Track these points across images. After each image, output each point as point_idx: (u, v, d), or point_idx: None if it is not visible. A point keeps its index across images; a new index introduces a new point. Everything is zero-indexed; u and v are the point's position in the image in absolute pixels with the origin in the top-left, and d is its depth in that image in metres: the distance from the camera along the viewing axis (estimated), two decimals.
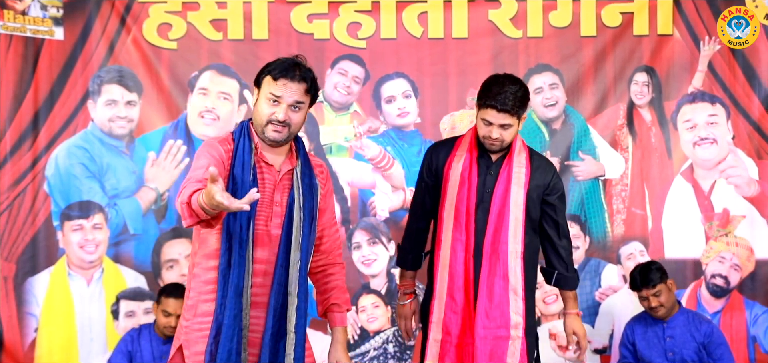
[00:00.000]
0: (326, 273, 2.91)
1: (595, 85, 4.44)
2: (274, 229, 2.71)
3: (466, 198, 3.15)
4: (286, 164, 2.74)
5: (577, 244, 4.37)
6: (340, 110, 4.46)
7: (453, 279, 3.14)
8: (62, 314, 4.35)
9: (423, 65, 4.42)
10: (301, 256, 2.72)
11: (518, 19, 4.42)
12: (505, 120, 3.06)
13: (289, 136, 2.70)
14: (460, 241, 3.15)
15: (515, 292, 3.11)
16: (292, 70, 2.66)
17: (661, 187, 4.45)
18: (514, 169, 3.15)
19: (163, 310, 3.94)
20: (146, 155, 4.40)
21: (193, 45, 4.38)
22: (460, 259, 3.15)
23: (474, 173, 3.18)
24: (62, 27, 4.37)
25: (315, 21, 4.42)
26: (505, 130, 3.10)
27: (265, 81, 2.67)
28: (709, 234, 4.45)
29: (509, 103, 3.02)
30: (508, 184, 3.15)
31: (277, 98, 2.65)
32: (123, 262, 4.38)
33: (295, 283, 2.70)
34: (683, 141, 4.46)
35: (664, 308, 3.96)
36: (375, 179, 4.44)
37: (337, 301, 2.90)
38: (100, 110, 4.38)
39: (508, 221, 3.12)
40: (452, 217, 3.16)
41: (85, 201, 4.36)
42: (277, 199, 2.71)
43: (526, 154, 3.21)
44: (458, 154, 3.23)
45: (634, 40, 4.42)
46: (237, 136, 2.69)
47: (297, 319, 2.70)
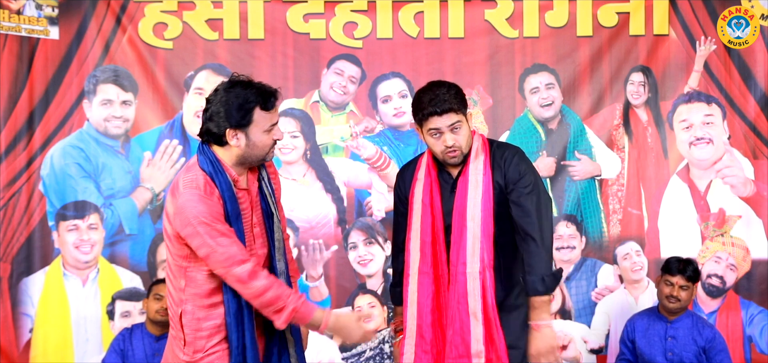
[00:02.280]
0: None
1: (591, 85, 4.43)
2: (260, 248, 2.72)
3: (430, 226, 2.96)
4: (253, 181, 2.73)
5: (574, 244, 4.40)
6: (336, 110, 4.45)
7: (422, 316, 2.95)
8: (57, 315, 4.33)
9: (419, 65, 4.40)
10: (285, 264, 2.77)
11: (514, 19, 4.41)
12: (451, 119, 2.86)
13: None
14: (427, 274, 2.96)
15: (475, 316, 2.87)
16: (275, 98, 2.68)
17: (658, 187, 4.45)
18: (470, 179, 2.93)
19: (156, 295, 3.88)
20: (142, 155, 4.38)
21: (189, 45, 4.36)
22: (428, 293, 2.96)
23: (436, 196, 2.99)
24: (57, 26, 4.35)
25: (311, 21, 4.41)
26: (457, 134, 2.89)
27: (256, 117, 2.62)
28: (705, 234, 4.45)
29: (448, 101, 2.85)
30: (465, 198, 2.93)
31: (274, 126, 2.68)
32: (118, 263, 4.36)
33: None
34: (679, 141, 4.45)
35: (680, 304, 3.94)
36: (371, 179, 4.44)
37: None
38: (95, 110, 4.36)
39: (465, 240, 2.90)
40: (418, 248, 2.98)
41: (81, 201, 4.34)
42: (255, 220, 2.72)
43: (485, 157, 2.96)
44: (419, 178, 3.04)
45: (630, 40, 4.41)
46: (212, 176, 2.61)
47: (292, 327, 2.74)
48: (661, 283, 4.00)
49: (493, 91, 4.43)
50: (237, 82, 2.63)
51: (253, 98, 2.61)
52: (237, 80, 2.64)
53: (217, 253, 2.53)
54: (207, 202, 2.55)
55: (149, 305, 3.96)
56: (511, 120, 4.43)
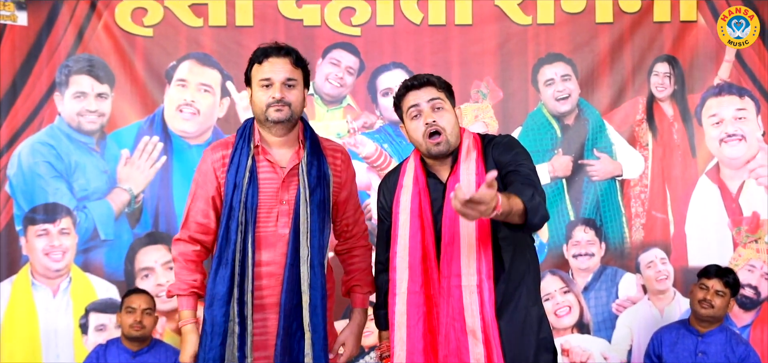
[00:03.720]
0: (351, 254, 3.08)
1: (611, 76, 4.33)
2: (282, 228, 2.82)
3: (420, 240, 2.77)
4: (292, 159, 2.85)
5: (592, 250, 4.33)
6: (332, 104, 4.34)
7: (412, 341, 2.76)
8: (25, 328, 4.22)
9: (423, 55, 4.31)
10: (312, 252, 2.81)
11: (527, 5, 4.31)
12: (430, 93, 2.75)
13: (292, 116, 2.82)
14: (417, 293, 2.77)
15: (473, 334, 2.67)
16: (274, 48, 2.84)
17: (684, 189, 4.35)
18: (461, 180, 2.73)
19: (127, 307, 3.87)
20: (119, 153, 4.27)
21: (171, 32, 4.27)
22: (419, 316, 2.76)
23: (426, 204, 2.79)
24: (26, 11, 4.25)
25: (304, 6, 4.31)
26: (439, 115, 2.74)
27: (252, 73, 2.85)
28: (737, 240, 4.34)
29: (426, 77, 2.79)
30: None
31: (268, 80, 2.80)
32: (93, 271, 4.25)
33: (307, 281, 2.79)
34: (708, 138, 4.35)
35: (712, 312, 3.87)
36: (370, 180, 4.30)
37: (359, 282, 3.06)
38: (67, 103, 4.25)
39: (459, 250, 2.71)
40: (406, 265, 2.78)
41: (51, 203, 4.23)
42: (284, 196, 2.83)
43: (476, 154, 2.78)
44: (405, 186, 2.85)
45: (654, 27, 4.31)
46: (238, 137, 2.87)
47: (312, 316, 2.79)
48: (695, 289, 3.95)
49: (503, 83, 4.33)
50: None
51: (255, 54, 2.85)
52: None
53: (186, 207, 2.93)
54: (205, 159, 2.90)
55: (123, 319, 3.90)
56: (523, 115, 4.32)
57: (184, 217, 2.91)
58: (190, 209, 2.91)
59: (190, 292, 2.88)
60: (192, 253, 2.90)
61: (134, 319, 3.81)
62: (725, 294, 3.86)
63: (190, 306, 2.89)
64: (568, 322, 4.27)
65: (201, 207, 2.88)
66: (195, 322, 2.87)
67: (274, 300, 2.82)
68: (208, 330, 2.81)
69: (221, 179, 2.85)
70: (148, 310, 3.86)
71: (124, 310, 3.87)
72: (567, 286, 4.26)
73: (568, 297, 4.26)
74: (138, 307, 3.83)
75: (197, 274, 2.90)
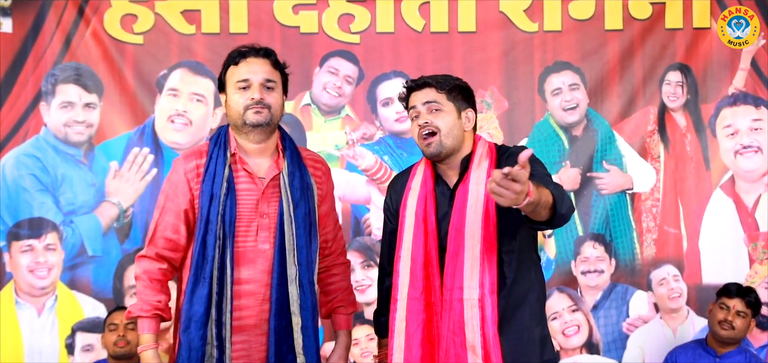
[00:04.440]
0: (330, 273, 2.92)
1: (621, 85, 4.30)
2: (263, 243, 2.70)
3: (423, 245, 2.74)
4: (271, 169, 2.73)
5: (602, 267, 4.32)
6: (330, 114, 4.31)
7: (410, 349, 2.73)
8: (9, 348, 4.18)
9: (424, 63, 4.25)
10: (299, 270, 2.70)
11: (534, 11, 4.29)
12: (427, 95, 2.73)
13: (272, 119, 2.70)
14: (417, 300, 2.73)
15: (473, 350, 2.63)
16: (251, 49, 2.73)
17: (698, 203, 4.31)
18: (470, 190, 2.70)
19: (110, 325, 3.81)
20: (107, 165, 4.25)
21: (162, 39, 4.26)
22: (418, 323, 2.72)
23: (431, 209, 2.76)
24: (10, 18, 4.24)
25: (301, 12, 4.28)
26: (435, 116, 2.71)
27: (228, 76, 2.73)
28: (754, 256, 4.30)
29: (429, 78, 2.77)
30: (462, 212, 2.71)
31: (246, 81, 2.68)
32: (80, 289, 4.22)
33: (297, 302, 2.68)
34: (723, 149, 4.31)
35: (733, 334, 3.82)
36: (370, 193, 4.28)
37: (343, 303, 2.92)
38: (54, 113, 4.23)
39: (463, 262, 2.68)
40: (408, 270, 2.76)
41: (36, 218, 4.21)
42: (264, 209, 2.70)
43: (489, 164, 2.75)
44: (413, 189, 2.83)
45: (666, 34, 4.29)
46: (212, 146, 2.74)
47: (304, 339, 2.69)
48: (715, 308, 3.90)
49: (509, 92, 4.32)
50: None
51: (231, 56, 2.73)
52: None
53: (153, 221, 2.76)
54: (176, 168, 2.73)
55: (106, 339, 3.83)
56: (529, 125, 4.29)
57: (151, 233, 2.73)
58: (158, 224, 2.72)
59: (153, 314, 2.67)
60: (158, 272, 2.69)
61: (118, 335, 3.74)
62: (746, 315, 3.82)
63: (152, 329, 2.68)
64: (576, 342, 4.22)
65: (171, 221, 2.69)
66: (156, 348, 2.69)
67: (255, 321, 2.68)
68: (185, 355, 2.64)
69: (195, 191, 2.67)
70: (130, 325, 3.76)
71: (107, 329, 3.79)
72: (575, 304, 4.21)
73: (577, 316, 4.21)
74: (120, 323, 3.74)
75: (162, 295, 2.70)
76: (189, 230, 2.70)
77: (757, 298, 3.83)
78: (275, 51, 2.77)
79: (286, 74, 2.79)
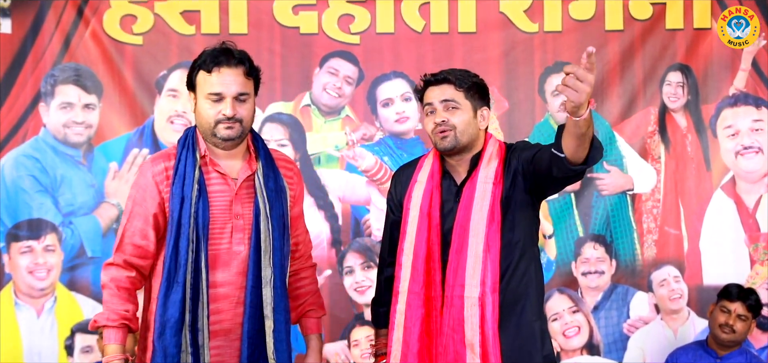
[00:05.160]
0: (299, 277, 2.88)
1: (621, 86, 4.29)
2: (237, 245, 2.65)
3: (425, 239, 2.75)
4: (244, 170, 2.67)
5: (602, 268, 4.31)
6: (330, 115, 4.30)
7: (408, 343, 2.74)
8: (8, 349, 4.17)
9: (424, 63, 4.15)
10: (274, 272, 2.66)
11: (534, 11, 4.27)
12: (445, 93, 2.73)
13: (243, 133, 2.64)
14: (417, 294, 2.74)
15: (471, 348, 2.66)
16: (224, 55, 2.61)
17: (699, 203, 4.30)
18: (477, 188, 2.72)
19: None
20: (107, 166, 4.24)
21: (162, 40, 4.24)
22: (417, 317, 2.73)
23: (436, 204, 2.77)
24: (9, 19, 4.23)
25: (301, 13, 4.27)
26: (451, 114, 2.72)
27: (198, 80, 2.62)
28: (755, 257, 4.29)
29: (448, 74, 2.75)
30: (468, 209, 2.72)
31: (218, 95, 2.58)
32: (79, 290, 4.22)
33: (270, 304, 2.64)
34: (724, 150, 4.30)
35: (734, 337, 3.82)
36: (370, 194, 4.28)
37: (313, 307, 2.89)
38: (53, 114, 4.22)
39: (466, 259, 2.70)
40: (409, 264, 2.77)
41: (36, 219, 4.20)
42: (238, 211, 2.65)
43: (498, 163, 2.76)
44: (419, 180, 2.84)
45: (666, 34, 4.28)
46: (180, 147, 2.66)
47: (276, 343, 2.65)
48: (715, 310, 3.89)
49: (509, 93, 4.30)
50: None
51: (202, 58, 2.62)
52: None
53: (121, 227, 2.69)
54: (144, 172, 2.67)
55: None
56: (530, 126, 4.27)
57: (118, 240, 2.64)
58: (125, 230, 2.63)
59: (121, 323, 2.58)
60: (126, 280, 2.61)
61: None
62: (747, 318, 3.81)
63: (119, 340, 2.58)
64: (577, 343, 4.21)
65: (139, 226, 2.61)
66: (122, 359, 2.60)
67: (229, 325, 2.63)
68: (160, 361, 2.57)
69: (165, 194, 2.60)
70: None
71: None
72: (576, 305, 4.21)
73: (577, 317, 4.20)
74: None
75: (130, 304, 2.61)
76: (158, 235, 2.63)
77: (758, 300, 3.82)
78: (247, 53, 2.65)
79: (259, 78, 2.69)
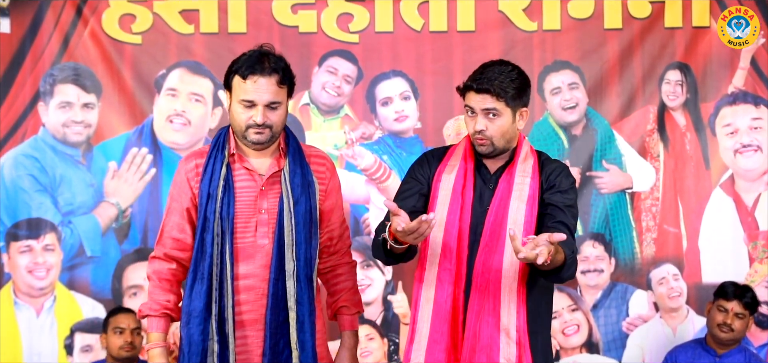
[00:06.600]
0: (335, 273, 2.93)
1: (620, 84, 4.29)
2: (261, 238, 2.72)
3: (458, 218, 2.75)
4: (272, 167, 2.75)
5: (601, 266, 4.31)
6: (329, 114, 4.31)
7: (438, 317, 2.74)
8: (8, 349, 4.17)
9: (424, 62, 4.28)
10: (297, 265, 2.72)
11: (533, 10, 4.27)
12: (486, 103, 2.69)
13: (273, 137, 2.72)
14: (448, 270, 2.74)
15: (507, 333, 2.66)
16: (260, 64, 2.66)
17: (698, 202, 4.30)
18: (515, 180, 2.75)
19: (116, 328, 3.81)
20: (106, 166, 4.24)
21: (161, 39, 4.24)
22: (447, 294, 2.73)
23: (469, 187, 2.78)
24: (8, 18, 4.22)
25: (300, 12, 4.26)
26: (490, 121, 2.70)
27: (234, 83, 2.69)
28: (754, 255, 4.28)
29: (491, 81, 2.69)
30: (507, 198, 2.74)
31: (250, 102, 2.65)
32: (78, 289, 4.22)
33: (294, 296, 2.70)
34: (722, 148, 4.30)
35: (732, 335, 3.83)
36: (369, 193, 4.28)
37: (347, 303, 2.92)
38: (52, 114, 4.22)
39: (504, 245, 2.70)
40: (440, 241, 2.75)
41: (35, 218, 4.20)
42: (264, 206, 2.73)
43: (533, 162, 2.80)
44: (451, 164, 2.84)
45: (665, 33, 4.27)
46: (212, 146, 2.77)
47: (299, 334, 2.71)
48: (713, 310, 3.90)
49: None
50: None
51: (240, 63, 2.67)
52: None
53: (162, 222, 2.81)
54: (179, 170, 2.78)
55: (111, 340, 3.85)
56: (529, 125, 4.20)
57: (159, 234, 2.78)
58: (165, 224, 2.78)
59: (162, 313, 2.72)
60: (167, 272, 2.74)
61: (124, 340, 3.74)
62: (745, 316, 3.82)
63: (161, 328, 2.73)
64: (576, 342, 4.22)
65: (176, 221, 2.74)
66: (164, 347, 2.73)
67: (253, 316, 2.71)
68: (186, 349, 2.68)
69: (195, 190, 2.72)
70: (137, 330, 3.79)
71: (111, 330, 3.79)
72: (575, 303, 4.21)
73: (577, 315, 4.21)
74: (127, 328, 3.75)
75: (171, 295, 2.74)
76: (194, 229, 2.74)
77: (754, 296, 3.83)
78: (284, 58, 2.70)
79: (293, 82, 2.75)
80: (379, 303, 4.25)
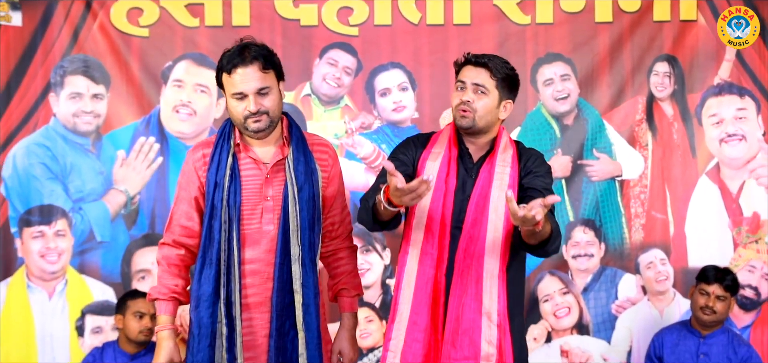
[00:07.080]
0: (336, 257, 2.97)
1: (610, 76, 4.29)
2: (267, 225, 2.76)
3: (441, 204, 2.80)
4: (276, 155, 2.78)
5: (591, 251, 4.30)
6: (329, 104, 4.31)
7: (418, 300, 2.79)
8: (21, 330, 4.19)
9: (421, 55, 4.28)
10: (302, 251, 2.76)
11: (526, 4, 4.27)
12: (480, 77, 2.79)
13: (272, 122, 2.75)
14: (431, 255, 2.79)
15: (489, 317, 2.73)
16: (240, 56, 2.70)
17: (684, 189, 4.31)
18: (496, 169, 2.81)
19: (136, 313, 3.78)
20: (115, 154, 4.24)
21: (167, 32, 4.23)
22: (428, 277, 2.78)
23: (452, 175, 2.83)
24: (20, 12, 4.20)
25: (301, 6, 4.26)
26: (478, 97, 2.79)
27: (224, 81, 2.74)
28: (738, 240, 4.30)
29: (490, 60, 2.81)
30: (488, 187, 2.80)
31: (240, 93, 2.69)
32: (89, 273, 4.22)
33: (299, 280, 2.74)
34: (708, 138, 4.31)
35: (715, 317, 3.85)
36: (368, 180, 4.21)
37: (347, 286, 2.96)
38: (63, 104, 4.21)
39: (486, 232, 2.76)
40: (423, 225, 2.80)
41: (47, 205, 4.20)
42: (269, 193, 2.76)
43: (513, 152, 2.86)
44: (435, 152, 2.88)
45: (654, 26, 4.27)
46: (219, 136, 2.80)
47: (305, 315, 2.75)
48: (695, 293, 3.91)
49: None
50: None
51: (223, 60, 2.72)
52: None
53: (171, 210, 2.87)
54: (187, 160, 2.83)
55: (129, 324, 3.79)
56: (522, 115, 4.26)
57: (169, 221, 2.85)
58: (173, 212, 2.84)
59: (170, 297, 2.79)
60: (176, 257, 2.82)
61: (144, 325, 3.74)
62: (726, 298, 3.83)
63: (169, 311, 2.80)
64: (567, 323, 4.24)
65: (184, 209, 2.81)
66: (172, 329, 2.80)
67: (259, 299, 2.76)
68: (195, 332, 2.75)
69: (203, 178, 2.78)
70: (154, 316, 3.70)
71: (130, 314, 3.77)
72: (566, 287, 4.25)
73: (568, 298, 4.24)
74: (147, 313, 3.74)
75: (179, 279, 2.81)
76: (201, 216, 2.79)
77: (735, 279, 3.85)
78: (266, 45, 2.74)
79: (280, 65, 2.77)
80: (377, 286, 4.27)
